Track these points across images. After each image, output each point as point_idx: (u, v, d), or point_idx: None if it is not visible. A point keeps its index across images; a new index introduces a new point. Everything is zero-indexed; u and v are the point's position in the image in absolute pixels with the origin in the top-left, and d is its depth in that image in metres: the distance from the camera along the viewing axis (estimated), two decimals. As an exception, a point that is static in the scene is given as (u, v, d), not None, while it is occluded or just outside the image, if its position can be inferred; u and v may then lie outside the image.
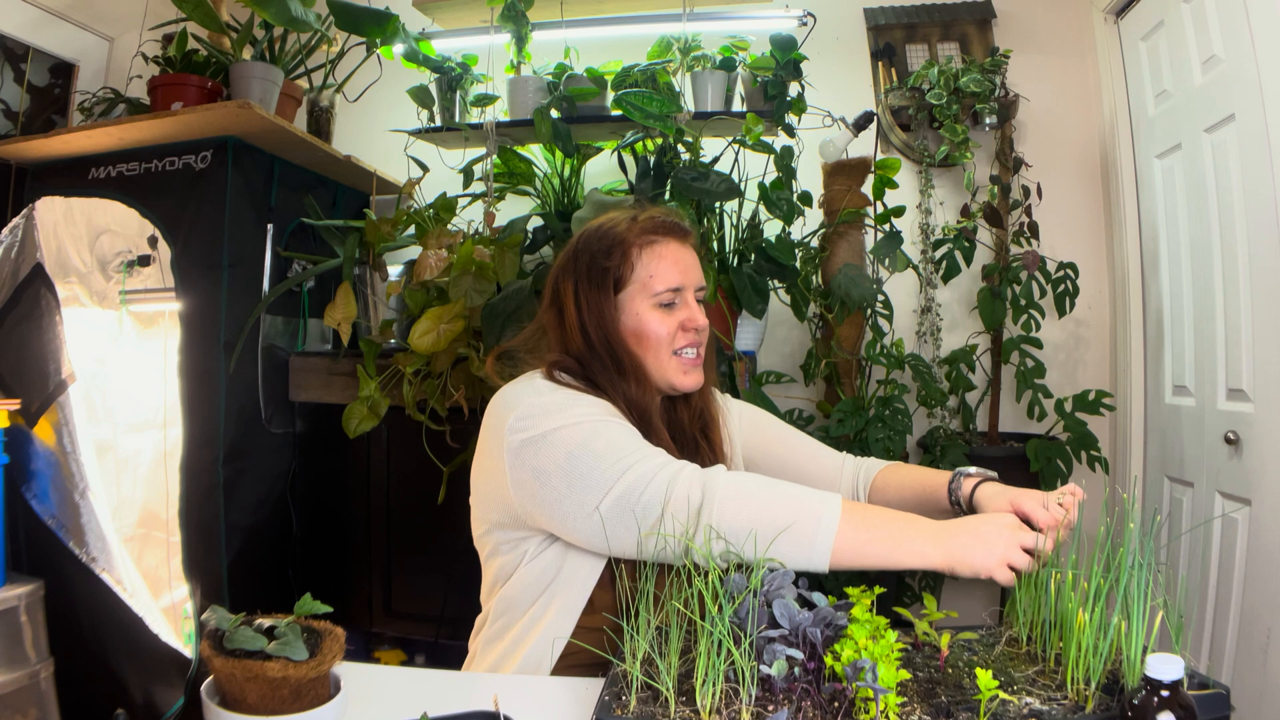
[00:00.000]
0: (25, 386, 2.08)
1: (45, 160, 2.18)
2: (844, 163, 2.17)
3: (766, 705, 0.79)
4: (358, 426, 1.95)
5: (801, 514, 0.94)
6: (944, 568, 0.92)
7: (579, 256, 1.18)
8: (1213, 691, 0.79)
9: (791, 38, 2.09)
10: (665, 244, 1.17)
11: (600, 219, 1.23)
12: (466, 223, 2.13)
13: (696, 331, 1.16)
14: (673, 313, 1.16)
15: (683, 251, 1.18)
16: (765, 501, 0.95)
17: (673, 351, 1.16)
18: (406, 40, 2.12)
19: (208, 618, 0.87)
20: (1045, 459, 2.10)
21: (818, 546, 0.93)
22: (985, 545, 0.91)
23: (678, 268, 1.16)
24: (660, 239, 1.17)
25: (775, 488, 0.98)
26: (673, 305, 1.16)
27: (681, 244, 1.19)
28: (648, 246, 1.16)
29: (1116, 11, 2.32)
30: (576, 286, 1.17)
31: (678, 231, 1.19)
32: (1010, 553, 0.91)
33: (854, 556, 0.93)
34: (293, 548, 2.16)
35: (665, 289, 1.15)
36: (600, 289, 1.15)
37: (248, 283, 2.05)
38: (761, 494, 0.96)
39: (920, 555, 0.92)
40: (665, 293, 1.15)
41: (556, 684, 1.01)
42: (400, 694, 1.00)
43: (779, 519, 0.93)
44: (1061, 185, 2.42)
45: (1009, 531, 0.92)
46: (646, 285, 1.15)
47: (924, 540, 0.93)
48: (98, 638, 2.05)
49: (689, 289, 1.18)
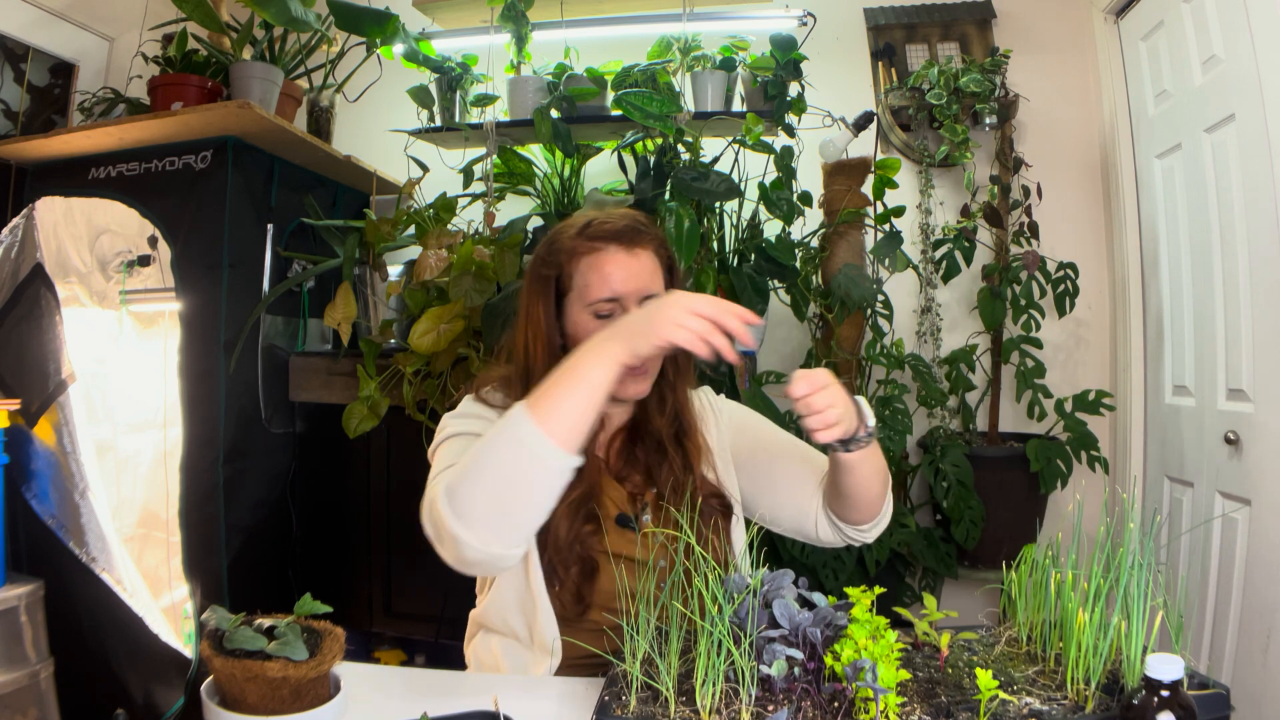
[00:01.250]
0: (25, 386, 2.08)
1: (45, 160, 2.18)
2: (844, 163, 2.17)
3: (766, 705, 0.79)
4: (358, 426, 1.96)
5: (509, 446, 0.90)
6: (627, 355, 0.92)
7: (533, 263, 1.19)
8: (1213, 691, 0.79)
9: (791, 38, 2.09)
10: (605, 252, 1.12)
11: (563, 222, 1.21)
12: (466, 223, 2.13)
13: None
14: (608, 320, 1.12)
15: (626, 259, 1.12)
16: (477, 463, 0.91)
17: None
18: (406, 40, 2.12)
19: (208, 618, 0.87)
20: (1045, 459, 2.10)
21: (544, 453, 0.89)
22: (652, 316, 0.93)
23: (616, 277, 1.11)
24: (602, 246, 1.13)
25: (475, 450, 0.93)
26: (611, 316, 1.11)
27: (628, 251, 1.13)
28: (587, 255, 1.13)
29: (1116, 11, 2.32)
30: (528, 293, 1.17)
31: (624, 238, 1.13)
32: (681, 315, 0.92)
33: (571, 425, 0.90)
34: (293, 548, 2.16)
35: (599, 299, 1.11)
36: (544, 297, 1.15)
37: (248, 283, 2.05)
38: (471, 461, 0.92)
39: (607, 359, 0.92)
40: (599, 303, 1.11)
41: (556, 684, 1.01)
42: (400, 694, 1.00)
43: (500, 466, 0.90)
44: (1061, 185, 2.42)
45: (676, 299, 0.94)
46: (583, 294, 1.12)
47: (598, 351, 0.93)
48: (98, 638, 2.05)
49: (629, 299, 1.11)
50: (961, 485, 2.09)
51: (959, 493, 2.08)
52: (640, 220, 1.18)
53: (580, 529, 1.09)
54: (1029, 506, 2.19)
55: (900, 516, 2.06)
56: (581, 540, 1.09)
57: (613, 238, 1.13)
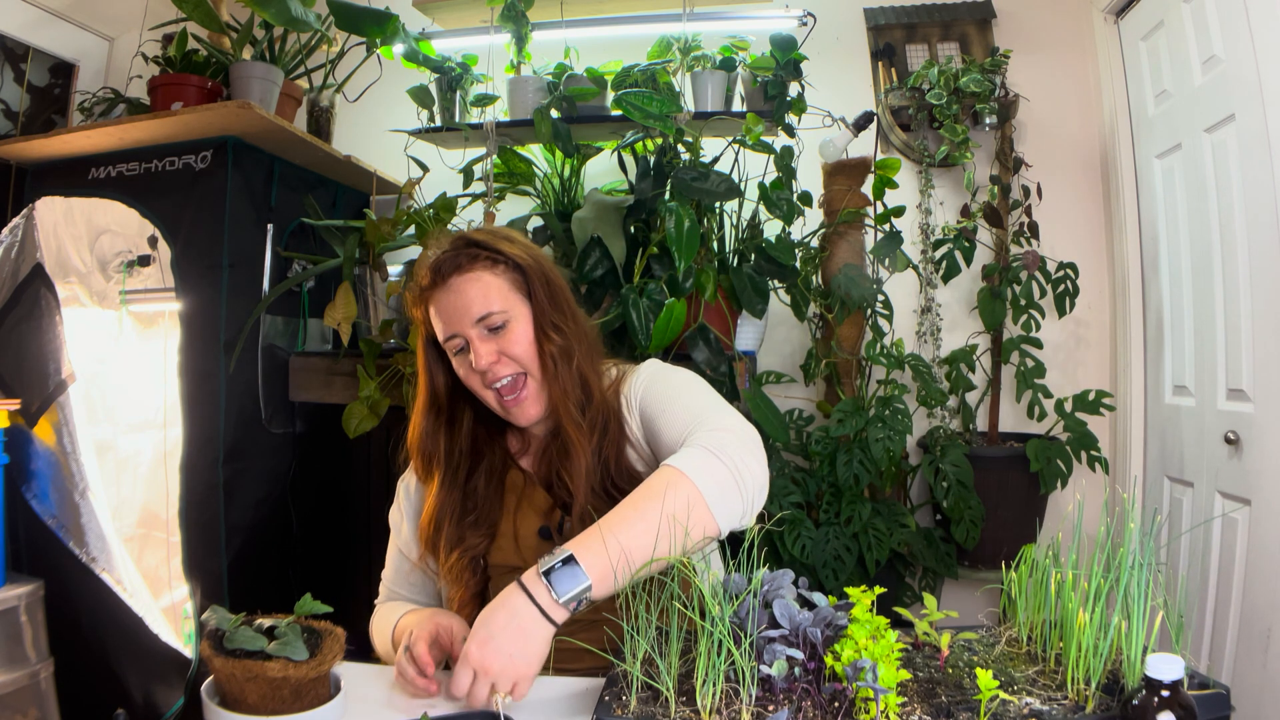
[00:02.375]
0: (25, 386, 2.08)
1: (45, 160, 2.18)
2: (844, 163, 2.17)
3: (766, 705, 0.79)
4: (358, 426, 1.95)
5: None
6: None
7: None
8: (1213, 691, 0.79)
9: (791, 38, 2.09)
10: (431, 294, 1.14)
11: None
12: (466, 223, 2.13)
13: (483, 372, 1.11)
14: (468, 358, 1.12)
15: (447, 295, 1.12)
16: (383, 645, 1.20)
17: (490, 390, 1.13)
18: (406, 40, 2.11)
19: (208, 618, 0.87)
20: (1045, 459, 2.10)
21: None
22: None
23: (443, 317, 1.13)
24: (426, 290, 1.15)
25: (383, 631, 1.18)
26: (466, 349, 1.12)
27: (444, 283, 1.12)
28: (422, 305, 1.16)
29: (1116, 11, 2.32)
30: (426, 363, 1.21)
31: (442, 271, 1.13)
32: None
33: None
34: (293, 548, 2.16)
35: (445, 339, 1.13)
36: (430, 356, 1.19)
37: (248, 283, 2.05)
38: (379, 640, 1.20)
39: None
40: (449, 342, 1.13)
41: (556, 684, 1.01)
42: (400, 694, 1.00)
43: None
44: (1061, 185, 2.42)
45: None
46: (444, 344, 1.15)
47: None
48: (98, 638, 2.05)
49: (465, 331, 1.11)
50: (961, 485, 2.09)
51: (959, 493, 2.08)
52: (456, 244, 1.15)
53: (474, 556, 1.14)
54: (1029, 506, 2.19)
55: (900, 516, 2.06)
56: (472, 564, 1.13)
57: (434, 278, 1.14)
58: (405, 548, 1.24)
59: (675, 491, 0.94)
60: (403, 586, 1.25)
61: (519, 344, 1.12)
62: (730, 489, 0.97)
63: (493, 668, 0.89)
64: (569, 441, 1.12)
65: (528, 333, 1.13)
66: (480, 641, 0.90)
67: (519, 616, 0.90)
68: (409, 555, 1.23)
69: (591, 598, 0.91)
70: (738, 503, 0.98)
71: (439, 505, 1.16)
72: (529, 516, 1.16)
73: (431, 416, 1.19)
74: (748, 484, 0.98)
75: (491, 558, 1.15)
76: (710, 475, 0.97)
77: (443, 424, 1.19)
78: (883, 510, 2.05)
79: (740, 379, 1.93)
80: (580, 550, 0.91)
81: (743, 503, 0.98)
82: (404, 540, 1.24)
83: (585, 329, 1.20)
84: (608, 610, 1.04)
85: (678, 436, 1.05)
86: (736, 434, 1.02)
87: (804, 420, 2.29)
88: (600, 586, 0.90)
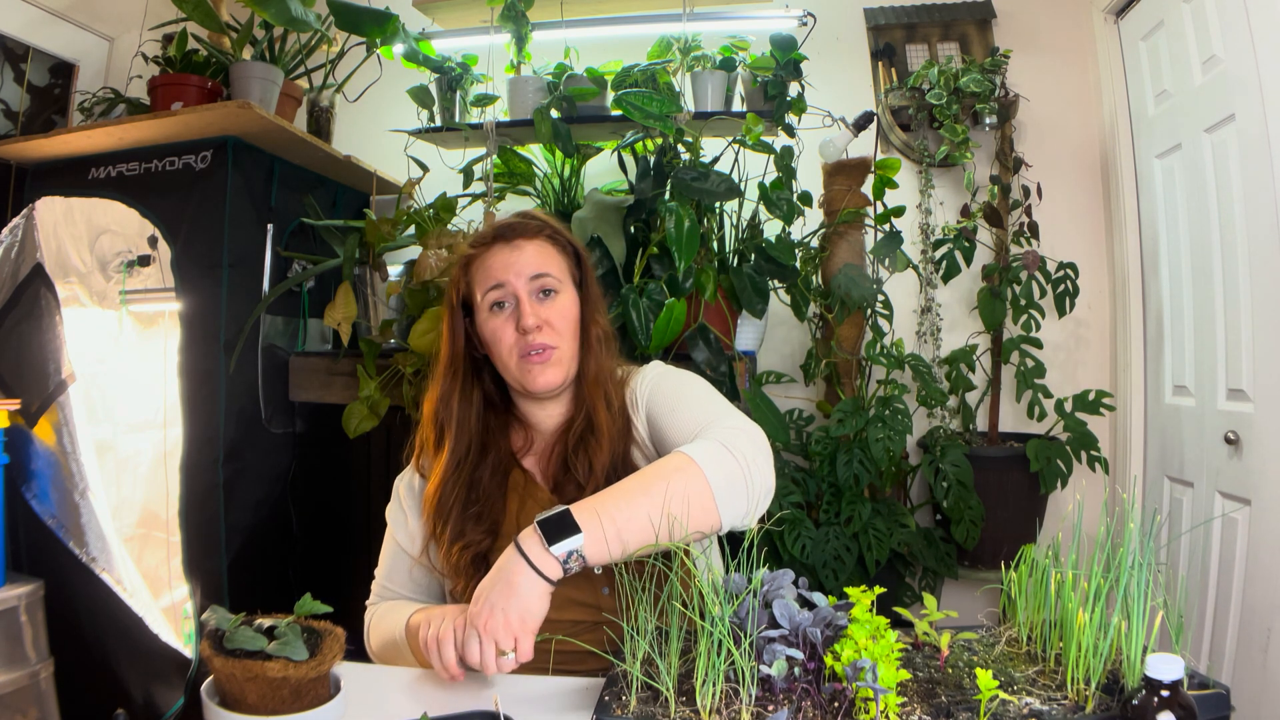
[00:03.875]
0: (25, 386, 2.08)
1: (45, 160, 2.18)
2: (844, 163, 2.17)
3: (766, 705, 0.79)
4: (358, 426, 1.95)
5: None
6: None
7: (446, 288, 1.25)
8: (1213, 691, 0.79)
9: (791, 38, 2.09)
10: (488, 252, 1.17)
11: None
12: (466, 223, 2.13)
13: (526, 331, 1.12)
14: (508, 315, 1.15)
15: (506, 252, 1.16)
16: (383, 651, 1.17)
17: (520, 355, 1.14)
18: (406, 40, 2.11)
19: (208, 618, 0.87)
20: (1045, 459, 2.10)
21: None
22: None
23: (496, 266, 1.15)
24: (484, 250, 1.17)
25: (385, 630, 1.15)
26: (504, 305, 1.15)
27: (508, 244, 1.17)
28: (474, 261, 1.18)
29: (1116, 11, 2.32)
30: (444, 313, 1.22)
31: (503, 234, 1.17)
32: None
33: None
34: (293, 548, 2.16)
35: (488, 289, 1.15)
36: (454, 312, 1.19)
37: (248, 283, 2.05)
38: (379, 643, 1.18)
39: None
40: (491, 292, 1.15)
41: (556, 684, 1.01)
42: (400, 694, 1.00)
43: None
44: (1061, 185, 2.42)
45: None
46: (478, 295, 1.17)
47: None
48: (98, 638, 2.05)
49: (516, 284, 1.14)
50: (961, 485, 2.09)
51: (959, 493, 2.08)
52: (524, 215, 1.22)
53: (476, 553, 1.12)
54: (1029, 506, 2.19)
55: (900, 516, 2.06)
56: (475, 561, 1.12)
57: (494, 238, 1.18)
58: (407, 544, 1.23)
59: (684, 477, 0.95)
60: (403, 585, 1.24)
61: (564, 317, 1.16)
62: (738, 485, 0.98)
63: (490, 625, 0.90)
64: (599, 430, 1.13)
65: (573, 310, 1.18)
66: (478, 603, 0.92)
67: (510, 572, 0.92)
68: (410, 551, 1.22)
69: (585, 558, 0.92)
70: (743, 501, 0.98)
71: (444, 483, 1.16)
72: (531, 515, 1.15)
73: (449, 377, 1.20)
74: (756, 484, 0.99)
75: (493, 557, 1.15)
76: (721, 469, 0.97)
77: (458, 387, 1.20)
78: (883, 510, 2.05)
79: (740, 379, 1.93)
80: (578, 510, 0.93)
81: (748, 502, 0.98)
82: (406, 536, 1.23)
83: (611, 329, 1.24)
84: (608, 610, 1.05)
85: (688, 436, 1.05)
86: (749, 435, 1.03)
87: (804, 420, 2.29)
88: (593, 548, 0.91)
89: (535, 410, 1.22)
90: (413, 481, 1.25)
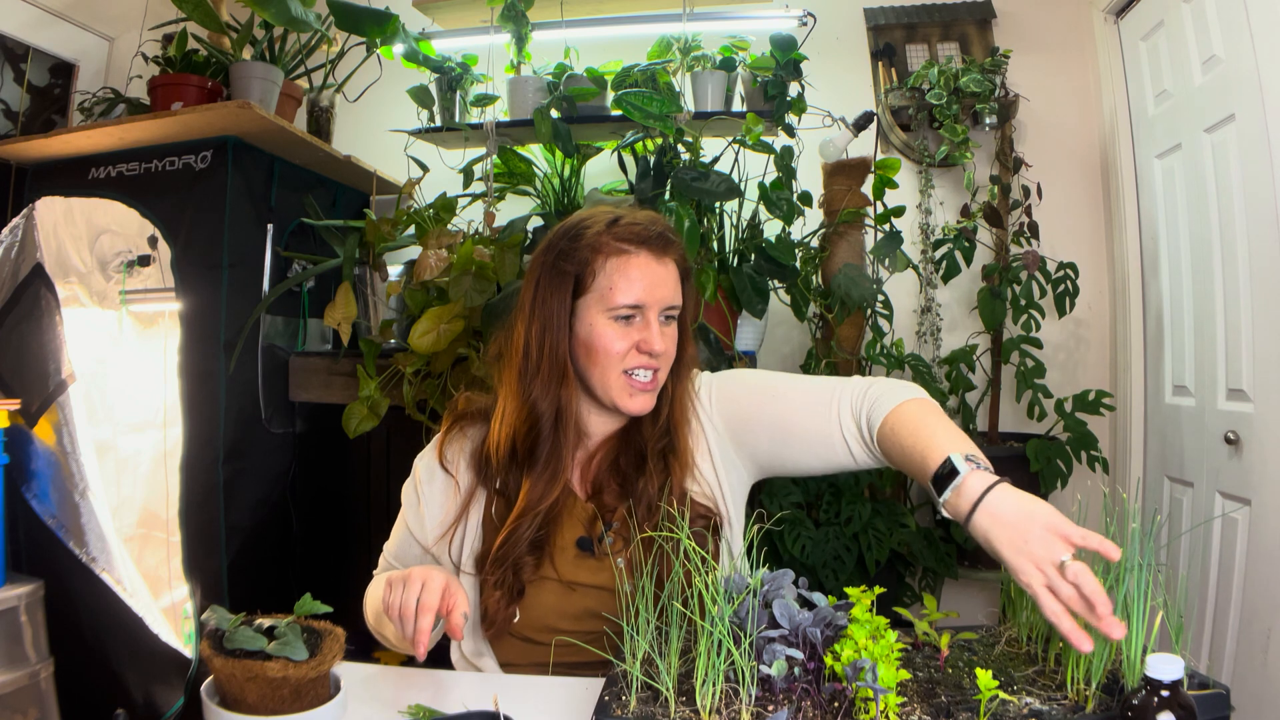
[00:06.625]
0: (25, 386, 2.08)
1: (45, 160, 2.18)
2: (844, 163, 2.17)
3: (766, 705, 0.79)
4: (358, 426, 1.95)
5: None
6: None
7: (546, 253, 1.12)
8: (1213, 691, 0.79)
9: (791, 38, 2.09)
10: (636, 256, 1.08)
11: (580, 214, 1.15)
12: (466, 223, 2.13)
13: (651, 355, 1.08)
14: (629, 329, 1.08)
15: (655, 267, 1.09)
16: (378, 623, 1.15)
17: (623, 370, 1.08)
18: (406, 40, 2.11)
19: (208, 618, 0.87)
20: (1045, 459, 2.10)
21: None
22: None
23: (643, 283, 1.07)
24: (632, 250, 1.08)
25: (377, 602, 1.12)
26: (630, 320, 1.08)
27: (657, 258, 1.09)
28: (615, 255, 1.08)
29: (1116, 11, 2.32)
30: (538, 284, 1.11)
31: (654, 244, 1.09)
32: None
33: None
34: (293, 548, 2.16)
35: (623, 304, 1.07)
36: (558, 291, 1.09)
37: (248, 283, 2.05)
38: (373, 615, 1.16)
39: None
40: (623, 308, 1.07)
41: (556, 684, 1.01)
42: (400, 694, 1.00)
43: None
44: (1061, 185, 2.42)
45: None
46: (605, 297, 1.07)
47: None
48: (98, 638, 2.05)
49: (652, 308, 1.08)
50: (961, 485, 2.08)
51: (959, 493, 2.08)
52: (669, 227, 1.14)
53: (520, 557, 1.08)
54: (1029, 506, 2.19)
55: (900, 516, 2.06)
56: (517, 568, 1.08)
57: (644, 242, 1.09)
58: (417, 531, 1.18)
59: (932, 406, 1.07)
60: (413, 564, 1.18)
61: (675, 346, 1.14)
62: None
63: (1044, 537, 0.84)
64: (680, 450, 1.12)
65: (679, 337, 1.15)
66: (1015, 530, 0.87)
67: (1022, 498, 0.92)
68: (420, 540, 1.18)
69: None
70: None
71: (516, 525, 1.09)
72: (569, 527, 1.12)
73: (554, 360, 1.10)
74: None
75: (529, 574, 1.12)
76: (919, 391, 1.09)
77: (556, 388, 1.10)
78: (883, 510, 2.05)
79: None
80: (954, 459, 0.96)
81: None
82: (417, 524, 1.18)
83: (696, 353, 1.22)
84: (608, 610, 1.05)
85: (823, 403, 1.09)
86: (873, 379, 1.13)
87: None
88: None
89: (594, 417, 1.16)
90: (432, 465, 1.20)
